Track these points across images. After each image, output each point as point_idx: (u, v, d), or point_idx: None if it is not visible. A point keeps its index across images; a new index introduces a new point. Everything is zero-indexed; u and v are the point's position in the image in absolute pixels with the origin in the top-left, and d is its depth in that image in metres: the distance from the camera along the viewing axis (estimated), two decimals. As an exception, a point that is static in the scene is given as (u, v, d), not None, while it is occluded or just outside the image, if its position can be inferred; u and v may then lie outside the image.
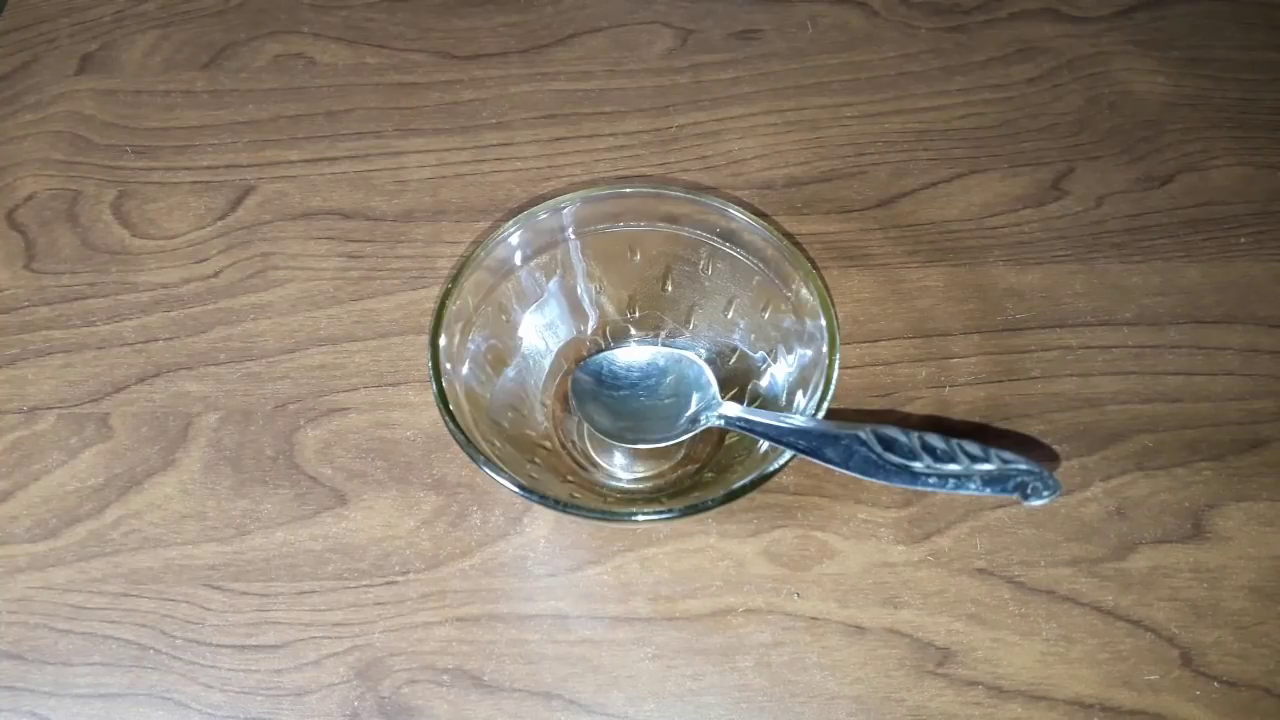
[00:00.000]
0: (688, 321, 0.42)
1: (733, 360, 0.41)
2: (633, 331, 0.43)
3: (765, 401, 0.40)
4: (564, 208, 0.39)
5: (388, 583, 0.39)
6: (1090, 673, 0.37)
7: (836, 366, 0.35)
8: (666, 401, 0.39)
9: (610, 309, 0.43)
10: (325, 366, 0.45)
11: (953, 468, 0.33)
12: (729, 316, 0.41)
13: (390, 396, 0.44)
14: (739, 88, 0.54)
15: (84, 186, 0.52)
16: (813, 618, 0.38)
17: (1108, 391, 0.43)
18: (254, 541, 0.40)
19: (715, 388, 0.39)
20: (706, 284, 0.41)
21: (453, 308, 0.37)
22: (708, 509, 0.33)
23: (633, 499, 0.40)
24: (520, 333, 0.41)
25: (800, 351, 0.38)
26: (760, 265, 0.39)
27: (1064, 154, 0.51)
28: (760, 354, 0.40)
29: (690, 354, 0.40)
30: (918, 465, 0.33)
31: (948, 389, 0.43)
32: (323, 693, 0.37)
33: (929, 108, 0.53)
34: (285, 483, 0.42)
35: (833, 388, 0.34)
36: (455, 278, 0.37)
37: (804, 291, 0.37)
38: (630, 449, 0.41)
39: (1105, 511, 0.40)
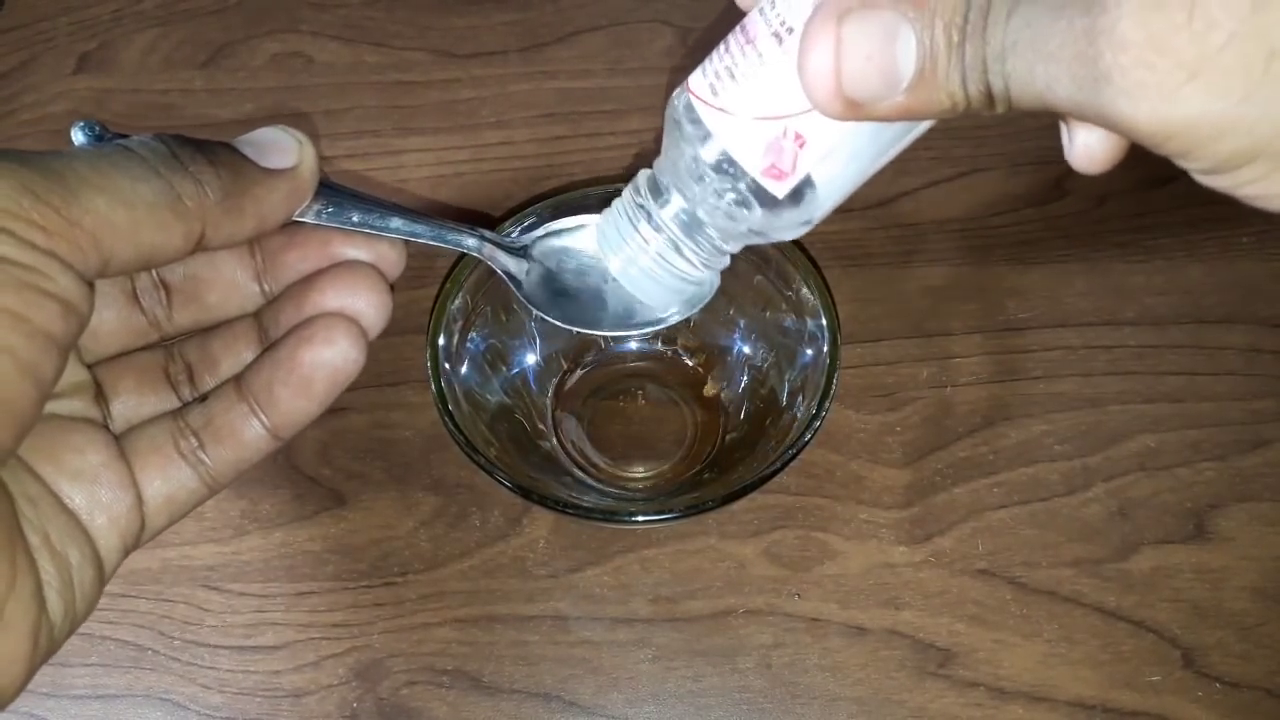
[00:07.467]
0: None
1: (732, 360, 0.41)
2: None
3: (766, 401, 0.39)
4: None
5: (387, 584, 0.39)
6: (1092, 674, 0.37)
7: (837, 366, 0.35)
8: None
9: (610, 308, 0.42)
10: (324, 366, 0.45)
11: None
12: (729, 316, 0.41)
13: (389, 396, 0.44)
14: (739, 86, 0.54)
15: (82, 185, 0.51)
16: (814, 619, 0.38)
17: (1110, 391, 0.43)
18: (252, 542, 0.40)
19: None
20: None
21: (452, 307, 0.36)
22: (708, 509, 0.33)
23: (633, 499, 0.40)
24: (520, 332, 0.41)
25: (801, 351, 0.38)
26: (760, 265, 0.39)
27: (1065, 153, 0.51)
28: (760, 354, 0.40)
29: None
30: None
31: (949, 389, 0.43)
32: (321, 694, 0.37)
33: (930, 106, 0.53)
34: (284, 483, 0.42)
35: (834, 388, 0.34)
36: (455, 277, 0.37)
37: (804, 291, 0.37)
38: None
39: (1107, 512, 0.40)
